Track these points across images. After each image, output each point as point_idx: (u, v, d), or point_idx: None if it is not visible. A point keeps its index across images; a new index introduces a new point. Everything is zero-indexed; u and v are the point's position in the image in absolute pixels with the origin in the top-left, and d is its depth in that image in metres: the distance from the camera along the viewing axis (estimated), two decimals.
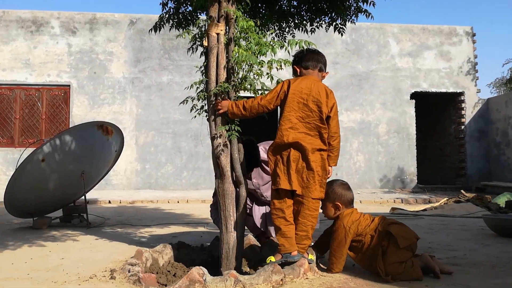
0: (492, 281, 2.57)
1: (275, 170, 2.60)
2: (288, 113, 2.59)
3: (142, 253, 2.82)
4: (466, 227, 4.83)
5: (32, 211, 4.84)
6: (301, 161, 2.57)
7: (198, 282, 2.30)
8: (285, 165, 2.57)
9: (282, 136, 2.57)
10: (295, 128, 2.58)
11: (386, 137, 11.14)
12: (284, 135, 2.57)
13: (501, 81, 22.26)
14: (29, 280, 2.61)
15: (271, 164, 2.64)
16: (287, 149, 2.58)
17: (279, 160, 2.60)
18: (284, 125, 2.58)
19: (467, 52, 11.60)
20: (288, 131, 2.57)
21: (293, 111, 2.58)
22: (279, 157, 2.60)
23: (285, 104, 2.60)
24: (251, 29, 2.61)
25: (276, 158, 2.62)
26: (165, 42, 10.78)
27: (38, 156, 4.45)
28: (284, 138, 2.57)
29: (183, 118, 10.49)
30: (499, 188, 9.21)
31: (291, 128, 2.57)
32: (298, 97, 2.59)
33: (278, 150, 2.61)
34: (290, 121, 2.58)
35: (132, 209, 6.86)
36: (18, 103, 10.43)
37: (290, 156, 2.56)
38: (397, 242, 2.59)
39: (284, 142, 2.57)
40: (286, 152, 2.58)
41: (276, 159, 2.62)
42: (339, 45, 11.23)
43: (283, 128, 2.58)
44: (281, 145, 2.59)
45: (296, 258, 2.56)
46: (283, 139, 2.57)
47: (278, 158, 2.60)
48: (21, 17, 10.59)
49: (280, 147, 2.59)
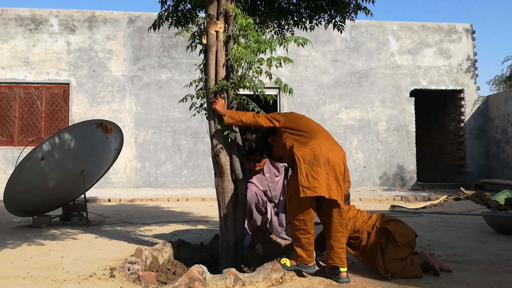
0: (491, 278, 2.57)
1: (307, 177, 2.43)
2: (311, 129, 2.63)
3: (141, 251, 2.82)
4: (465, 224, 4.83)
5: (32, 210, 4.84)
6: (342, 170, 2.51)
7: (198, 280, 2.30)
8: (328, 173, 2.45)
9: (320, 147, 2.50)
10: (328, 139, 2.63)
11: (386, 134, 11.13)
12: (322, 144, 2.53)
13: (501, 79, 22.27)
14: (29, 279, 2.60)
15: (302, 171, 2.44)
16: (326, 157, 2.48)
17: (314, 166, 2.45)
18: (315, 139, 2.55)
19: (466, 50, 11.59)
20: (323, 143, 2.55)
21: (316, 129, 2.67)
22: (315, 164, 2.45)
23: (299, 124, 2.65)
24: (250, 26, 2.61)
25: (310, 167, 2.45)
26: (164, 40, 10.76)
27: (37, 154, 4.44)
28: (322, 149, 2.50)
29: (183, 116, 10.48)
30: (499, 186, 9.22)
31: (325, 140, 2.59)
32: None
33: (315, 159, 2.47)
34: (318, 136, 2.59)
35: (131, 207, 6.86)
36: (18, 102, 10.42)
37: (335, 165, 2.48)
38: (395, 239, 2.60)
39: (322, 153, 2.49)
40: (325, 159, 2.47)
41: (310, 167, 2.45)
42: (339, 42, 11.21)
43: (319, 142, 2.54)
44: (318, 155, 2.48)
45: (311, 270, 2.52)
46: (320, 151, 2.50)
47: (313, 166, 2.45)
48: (20, 15, 10.56)
49: (318, 157, 2.48)
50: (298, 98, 10.89)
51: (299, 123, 2.66)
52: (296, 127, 2.62)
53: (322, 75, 11.08)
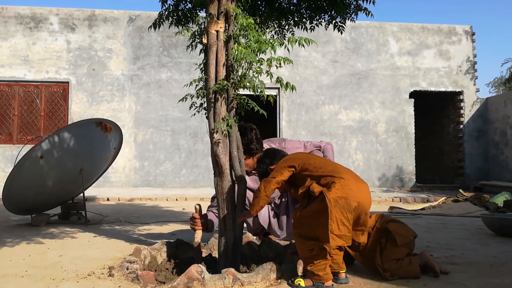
0: (490, 280, 2.57)
1: (338, 224, 2.23)
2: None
3: (140, 251, 2.82)
4: (464, 226, 4.84)
5: (30, 208, 4.83)
6: (368, 213, 2.41)
7: (197, 280, 2.30)
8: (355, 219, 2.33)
9: (350, 189, 2.33)
10: (354, 176, 2.47)
11: (385, 136, 11.14)
12: (352, 185, 2.34)
13: (500, 81, 22.32)
14: (27, 277, 2.60)
15: (333, 216, 2.23)
16: (357, 201, 2.33)
17: (345, 212, 2.27)
18: (341, 177, 2.37)
19: (466, 51, 11.60)
20: (352, 184, 2.36)
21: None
22: (346, 209, 2.27)
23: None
24: (250, 26, 2.60)
25: (341, 213, 2.26)
26: (164, 39, 10.76)
27: (36, 153, 4.44)
28: (353, 190, 2.33)
29: (182, 116, 10.48)
30: (498, 188, 9.23)
31: (352, 178, 2.42)
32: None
33: (346, 203, 2.30)
34: (343, 173, 2.42)
35: (130, 207, 6.86)
36: (17, 100, 10.41)
37: (364, 209, 2.36)
38: (394, 239, 2.60)
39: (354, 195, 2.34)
40: (356, 203, 2.31)
41: (341, 213, 2.26)
42: (339, 43, 11.22)
43: (347, 182, 2.35)
44: (350, 199, 2.30)
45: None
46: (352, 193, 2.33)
47: (345, 210, 2.27)
48: (20, 13, 10.55)
49: (349, 200, 2.30)
50: (298, 99, 10.89)
51: (315, 161, 2.51)
52: (314, 165, 2.46)
53: (322, 76, 11.09)
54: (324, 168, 2.44)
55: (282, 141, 3.39)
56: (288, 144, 3.35)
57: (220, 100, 2.67)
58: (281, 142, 3.39)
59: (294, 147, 3.33)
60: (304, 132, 10.84)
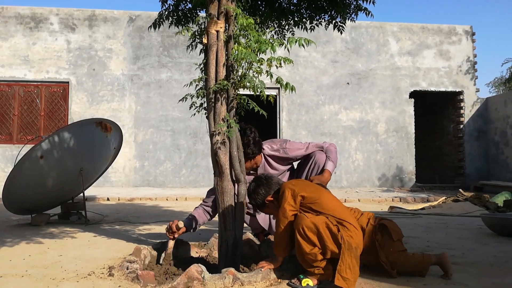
0: (490, 280, 2.57)
1: (348, 267, 2.31)
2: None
3: (140, 250, 2.82)
4: (464, 226, 4.84)
5: (31, 208, 4.83)
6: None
7: (197, 280, 2.30)
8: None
9: (356, 233, 2.42)
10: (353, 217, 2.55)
11: (385, 136, 11.14)
12: (353, 229, 2.42)
13: (500, 81, 22.31)
14: (27, 277, 2.60)
15: (345, 258, 2.32)
16: (357, 243, 2.41)
17: (352, 256, 2.35)
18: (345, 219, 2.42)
19: (466, 51, 11.60)
20: (354, 227, 2.44)
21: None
22: (353, 253, 2.35)
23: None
24: (250, 26, 2.61)
25: (351, 257, 2.34)
26: (165, 39, 10.76)
27: (36, 153, 4.44)
28: (356, 234, 2.42)
29: (182, 116, 10.48)
30: (498, 187, 9.23)
31: (353, 220, 2.49)
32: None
33: (351, 246, 2.37)
34: (347, 216, 2.48)
35: (130, 207, 6.86)
36: (17, 100, 10.41)
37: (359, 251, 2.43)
38: (391, 234, 2.61)
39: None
40: (356, 245, 2.39)
41: (351, 256, 2.34)
42: (339, 43, 11.22)
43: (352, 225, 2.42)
44: (353, 243, 2.37)
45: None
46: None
47: (353, 254, 2.35)
48: (20, 13, 10.55)
49: (350, 244, 2.36)
50: (298, 99, 10.89)
51: (321, 200, 2.46)
52: (316, 201, 2.44)
53: (322, 76, 11.09)
54: (330, 206, 2.44)
55: (283, 142, 3.36)
56: (289, 145, 3.33)
57: (220, 100, 2.67)
58: (283, 143, 3.36)
59: (296, 148, 3.32)
60: (304, 132, 10.84)
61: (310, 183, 2.71)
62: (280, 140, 3.43)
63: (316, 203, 2.42)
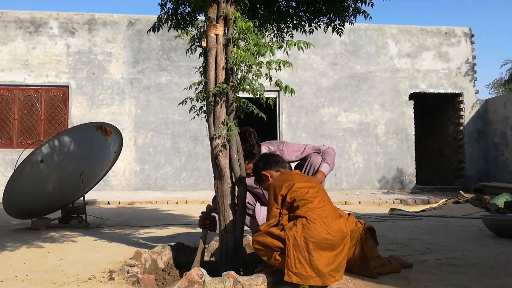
0: (490, 281, 2.57)
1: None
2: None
3: (141, 254, 2.82)
4: (464, 227, 4.84)
5: (31, 212, 4.83)
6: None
7: (197, 283, 2.30)
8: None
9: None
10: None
11: (385, 138, 11.15)
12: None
13: (500, 82, 22.34)
14: (28, 281, 2.60)
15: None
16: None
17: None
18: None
19: (465, 53, 11.62)
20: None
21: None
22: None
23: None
24: (249, 29, 2.61)
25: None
26: (164, 43, 10.78)
27: (36, 157, 4.44)
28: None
29: (182, 119, 10.49)
30: (498, 189, 9.22)
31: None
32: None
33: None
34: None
35: (131, 210, 6.85)
36: (17, 104, 10.42)
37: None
38: (376, 239, 2.76)
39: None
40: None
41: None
42: (338, 46, 11.24)
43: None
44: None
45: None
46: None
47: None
48: (19, 18, 10.58)
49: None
50: (298, 101, 10.90)
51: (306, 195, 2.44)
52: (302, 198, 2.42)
53: (321, 78, 11.10)
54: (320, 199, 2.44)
55: (280, 144, 3.39)
56: (286, 147, 3.35)
57: (220, 103, 2.68)
58: (280, 144, 3.39)
59: (292, 151, 3.34)
60: (304, 134, 10.85)
61: (300, 177, 2.62)
62: (277, 141, 3.46)
63: (299, 201, 2.38)
